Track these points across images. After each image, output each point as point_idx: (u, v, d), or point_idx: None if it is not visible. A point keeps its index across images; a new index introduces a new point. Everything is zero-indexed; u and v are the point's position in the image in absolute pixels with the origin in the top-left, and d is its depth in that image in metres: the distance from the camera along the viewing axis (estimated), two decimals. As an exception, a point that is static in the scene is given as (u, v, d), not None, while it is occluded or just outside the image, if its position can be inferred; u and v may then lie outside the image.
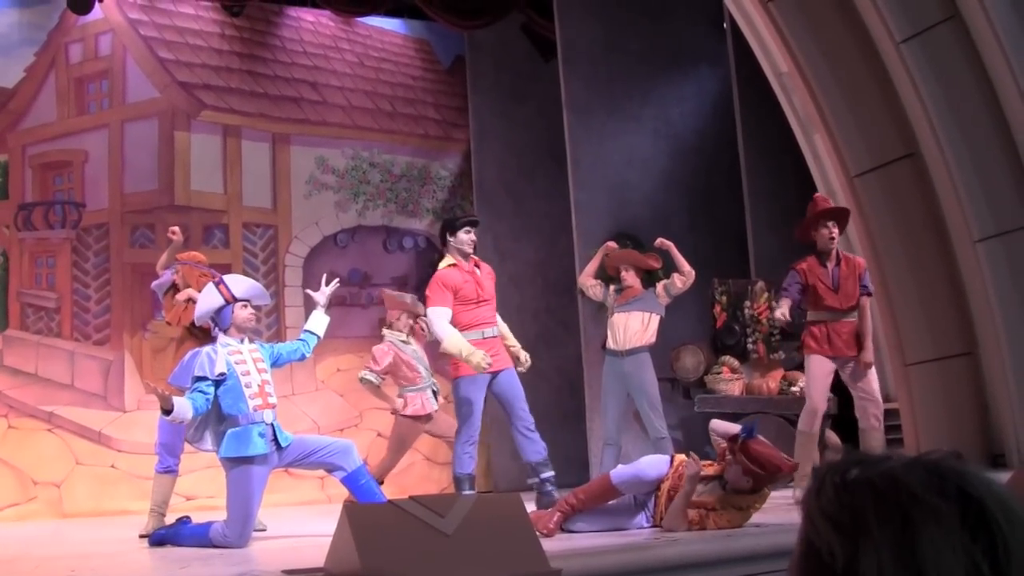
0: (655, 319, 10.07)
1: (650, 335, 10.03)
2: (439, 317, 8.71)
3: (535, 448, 8.70)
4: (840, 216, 9.11)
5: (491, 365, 8.48)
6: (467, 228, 8.95)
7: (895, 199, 10.11)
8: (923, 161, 9.98)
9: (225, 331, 7.72)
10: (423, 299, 9.20)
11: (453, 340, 8.61)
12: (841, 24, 10.18)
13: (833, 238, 8.92)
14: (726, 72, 13.20)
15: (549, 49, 14.20)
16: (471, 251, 8.95)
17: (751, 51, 11.20)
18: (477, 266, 9.00)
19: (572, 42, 13.34)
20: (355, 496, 7.71)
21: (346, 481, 7.71)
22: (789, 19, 10.27)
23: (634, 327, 9.99)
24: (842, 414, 10.84)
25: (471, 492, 8.26)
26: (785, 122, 11.04)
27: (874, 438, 8.83)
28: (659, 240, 10.02)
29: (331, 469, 7.85)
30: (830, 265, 8.95)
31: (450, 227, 9.03)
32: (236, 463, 7.46)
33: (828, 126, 10.25)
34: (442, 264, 8.99)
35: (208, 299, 7.82)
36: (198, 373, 7.36)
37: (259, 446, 7.40)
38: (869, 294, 9.11)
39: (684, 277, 9.85)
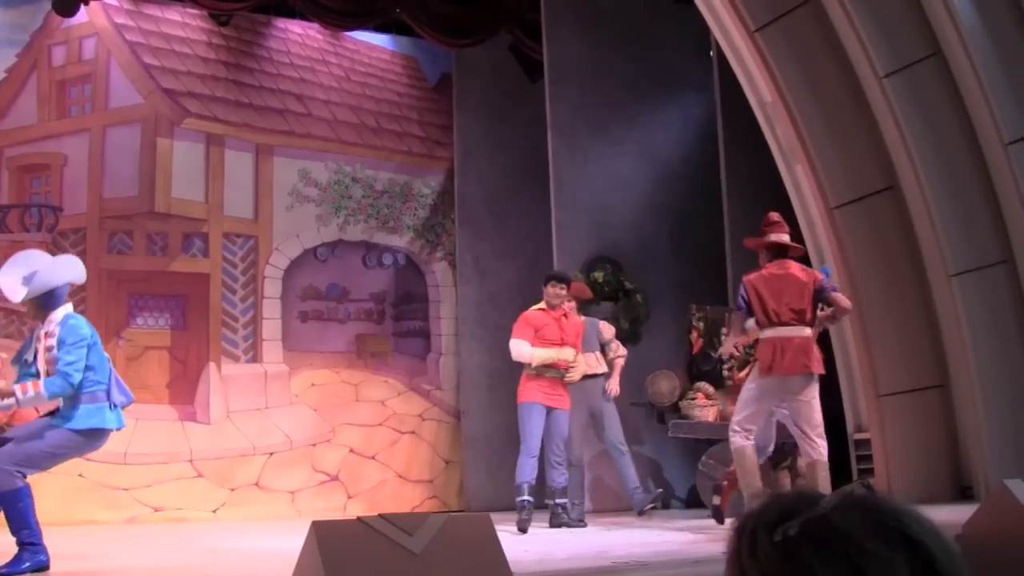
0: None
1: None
2: (518, 344, 10.05)
3: (555, 477, 10.02)
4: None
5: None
6: (552, 283, 10.19)
7: (874, 231, 10.18)
8: (902, 194, 10.06)
9: None
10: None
11: (535, 353, 9.99)
12: (826, 56, 10.25)
13: None
14: (711, 99, 13.24)
15: (536, 70, 14.23)
16: (556, 303, 10.13)
17: (736, 79, 11.24)
18: (565, 316, 10.23)
19: (559, 64, 13.37)
20: None
21: None
22: (775, 49, 10.33)
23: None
24: (830, 448, 10.87)
25: (526, 498, 9.70)
26: (768, 151, 11.07)
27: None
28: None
29: None
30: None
31: (544, 281, 10.36)
32: None
33: (810, 157, 10.30)
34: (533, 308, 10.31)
35: None
36: None
37: None
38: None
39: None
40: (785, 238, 8.70)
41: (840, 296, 8.59)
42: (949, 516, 5.70)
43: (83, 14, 12.88)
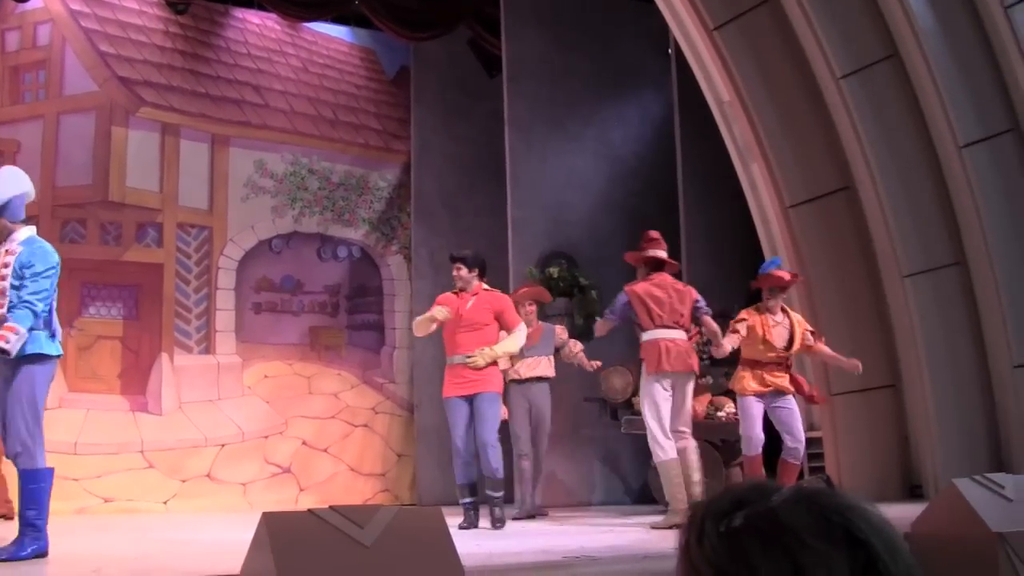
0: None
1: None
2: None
3: (491, 462, 9.23)
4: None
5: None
6: (453, 263, 9.60)
7: (828, 231, 10.24)
8: (857, 195, 10.13)
9: None
10: None
11: (416, 321, 9.57)
12: (783, 56, 10.30)
13: None
14: (668, 97, 13.27)
15: (495, 65, 14.23)
16: (459, 285, 9.49)
17: (694, 78, 11.27)
18: (475, 295, 9.47)
19: (518, 60, 13.37)
20: None
21: None
22: (733, 49, 10.37)
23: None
24: (767, 442, 10.91)
25: (467, 500, 9.19)
26: (724, 150, 11.12)
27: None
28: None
29: None
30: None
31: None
32: None
33: (766, 156, 10.36)
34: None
35: None
36: None
37: None
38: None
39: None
40: (663, 254, 9.35)
41: (711, 320, 9.30)
42: (899, 514, 5.72)
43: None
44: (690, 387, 9.26)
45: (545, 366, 10.97)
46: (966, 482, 5.61)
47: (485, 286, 9.54)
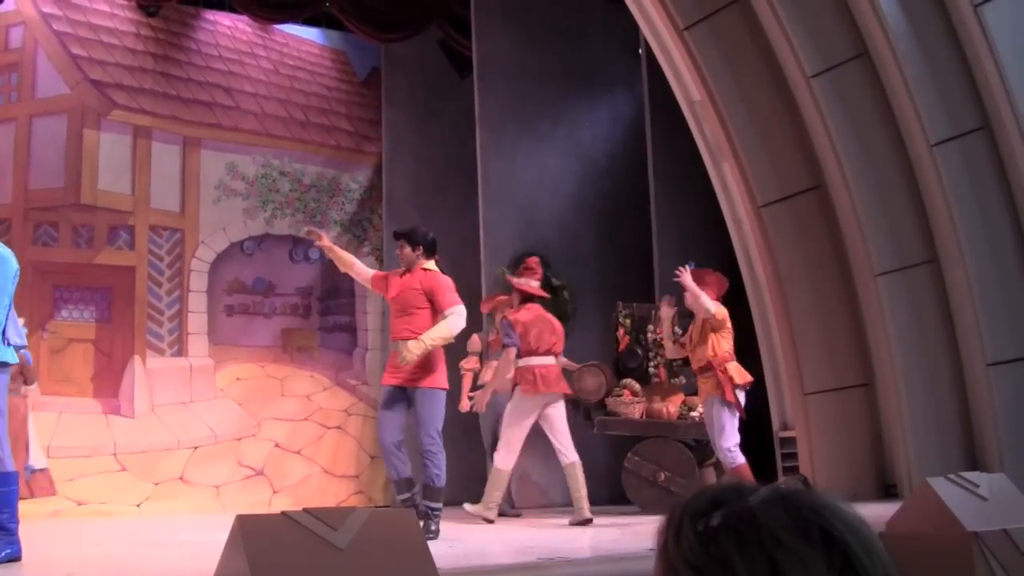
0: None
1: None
2: None
3: (426, 474, 8.45)
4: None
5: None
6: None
7: (800, 230, 10.27)
8: (829, 194, 10.15)
9: None
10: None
11: None
12: (754, 56, 10.32)
13: None
14: (639, 97, 13.29)
15: (465, 66, 14.23)
16: (401, 262, 8.88)
17: (664, 78, 11.28)
18: (411, 274, 8.76)
19: (488, 60, 13.37)
20: None
21: None
22: (703, 48, 10.39)
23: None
24: (756, 446, 10.96)
25: (403, 496, 8.38)
26: (695, 149, 11.13)
27: None
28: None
29: None
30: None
31: None
32: None
33: (737, 155, 10.37)
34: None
35: None
36: None
37: None
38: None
39: None
40: (536, 284, 10.10)
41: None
42: (873, 514, 5.74)
43: (10, 2, 12.75)
44: (562, 408, 9.91)
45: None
46: (940, 481, 5.64)
47: (429, 266, 8.75)
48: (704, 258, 12.06)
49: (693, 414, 10.94)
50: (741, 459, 9.24)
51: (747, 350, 10.30)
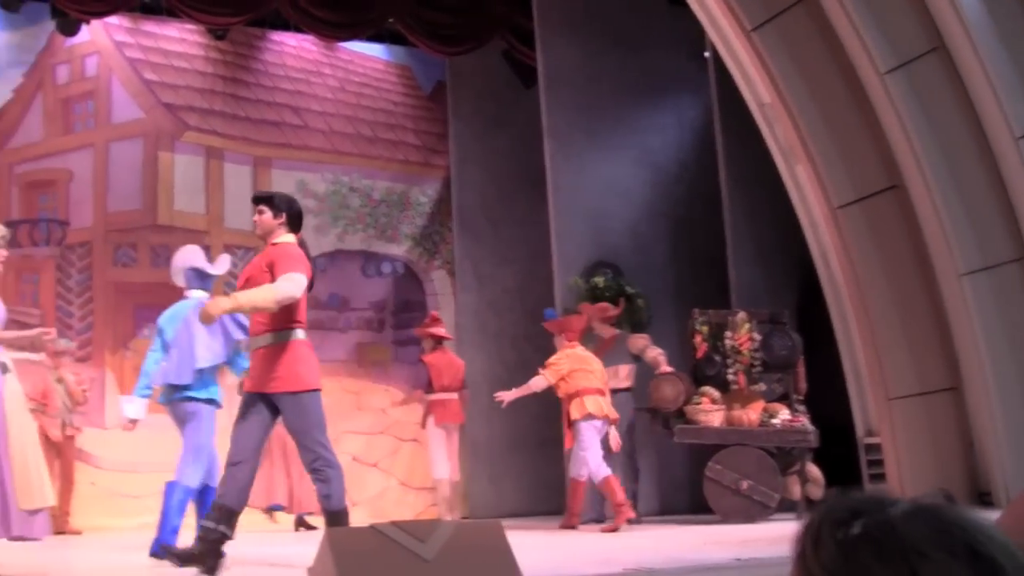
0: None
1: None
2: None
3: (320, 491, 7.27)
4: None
5: None
6: None
7: (878, 231, 10.08)
8: (907, 193, 9.95)
9: None
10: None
11: None
12: (824, 54, 10.18)
13: None
14: (707, 102, 13.20)
15: (530, 76, 14.22)
16: (258, 233, 7.17)
17: (732, 81, 11.19)
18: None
19: (553, 70, 13.34)
20: None
21: None
22: (772, 49, 10.27)
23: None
24: (824, 448, 10.83)
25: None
26: (767, 152, 11.02)
27: None
28: None
29: None
30: None
31: None
32: None
33: (811, 157, 10.23)
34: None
35: None
36: None
37: None
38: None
39: None
40: (443, 331, 11.78)
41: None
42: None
43: (85, 33, 13.21)
44: (456, 435, 11.63)
45: (624, 376, 11.05)
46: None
47: (284, 239, 7.12)
48: (780, 262, 11.98)
49: (775, 420, 10.79)
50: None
51: (826, 354, 10.16)
